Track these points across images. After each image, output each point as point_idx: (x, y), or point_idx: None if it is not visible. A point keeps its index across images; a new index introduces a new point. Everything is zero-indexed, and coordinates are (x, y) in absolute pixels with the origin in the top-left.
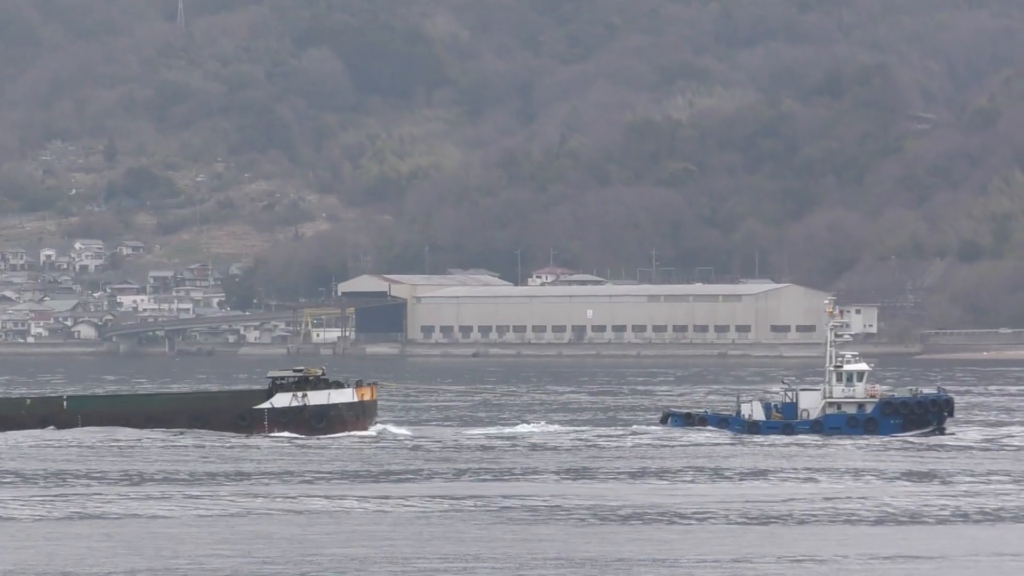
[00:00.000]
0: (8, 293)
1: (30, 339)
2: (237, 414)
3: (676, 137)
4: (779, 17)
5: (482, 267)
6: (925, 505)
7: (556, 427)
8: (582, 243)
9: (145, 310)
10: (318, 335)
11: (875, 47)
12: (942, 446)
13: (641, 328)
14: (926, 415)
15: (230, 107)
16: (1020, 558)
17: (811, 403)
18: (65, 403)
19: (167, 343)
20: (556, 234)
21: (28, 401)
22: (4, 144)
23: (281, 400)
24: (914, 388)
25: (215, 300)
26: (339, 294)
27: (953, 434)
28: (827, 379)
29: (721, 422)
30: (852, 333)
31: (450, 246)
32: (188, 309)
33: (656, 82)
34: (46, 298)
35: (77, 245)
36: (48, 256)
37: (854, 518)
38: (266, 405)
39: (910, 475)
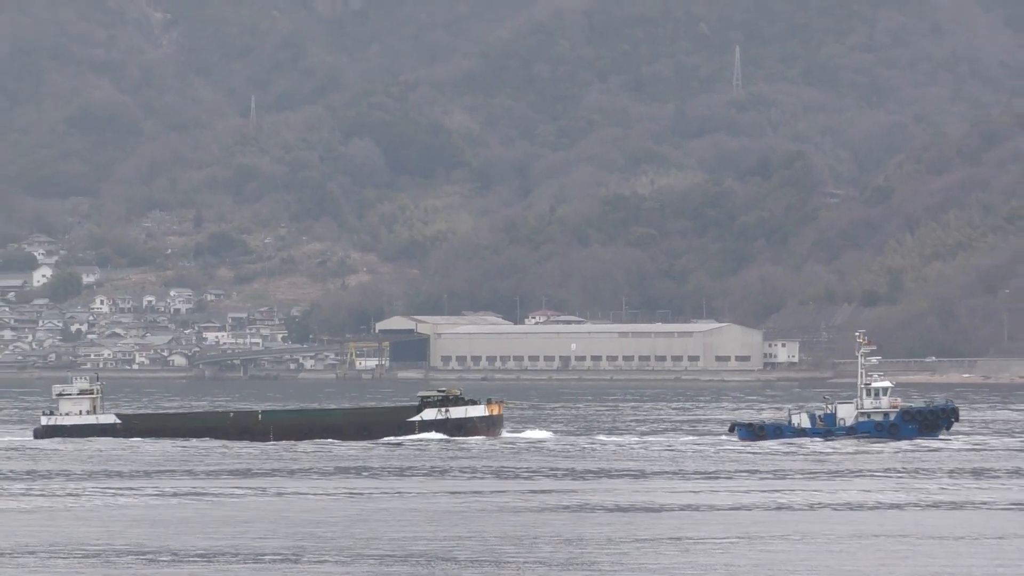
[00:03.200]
0: (118, 330)
1: (135, 366)
2: (395, 425)
3: (641, 208)
4: (722, 115)
5: (489, 310)
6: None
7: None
8: (568, 291)
9: (225, 343)
10: (360, 363)
11: (797, 138)
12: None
13: (614, 358)
14: (937, 421)
15: (291, 184)
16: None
17: (847, 413)
18: (260, 416)
19: (242, 369)
20: (547, 284)
21: (231, 414)
22: (115, 213)
23: (428, 414)
24: (928, 400)
25: (279, 336)
26: (377, 331)
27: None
28: (859, 394)
29: (776, 430)
30: (778, 361)
31: (464, 293)
32: (258, 343)
33: (625, 165)
34: (147, 334)
35: (172, 293)
36: (149, 301)
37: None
38: (417, 418)
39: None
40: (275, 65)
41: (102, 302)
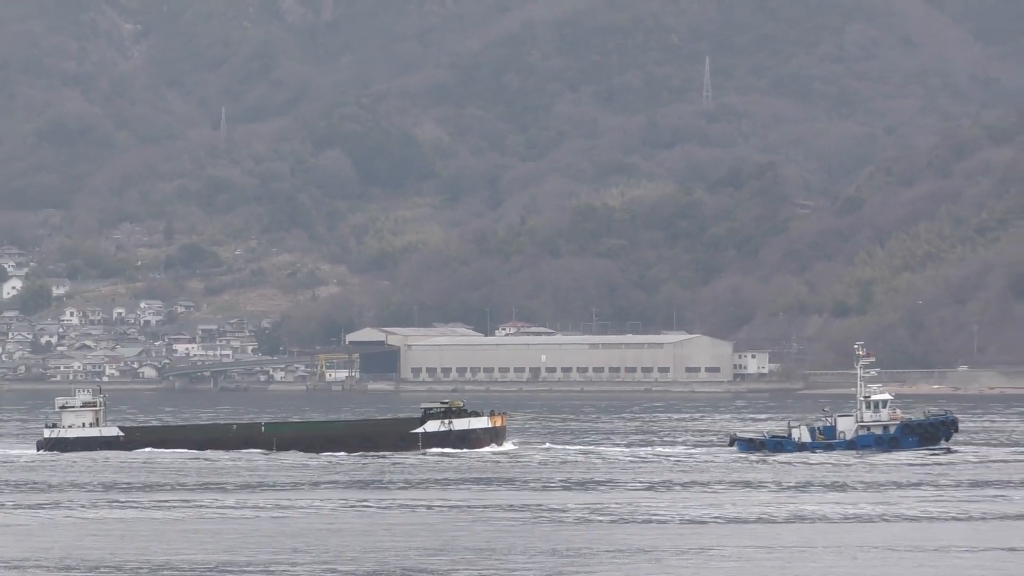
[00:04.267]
0: (88, 342)
1: (105, 378)
2: (398, 436)
3: (611, 219)
4: (692, 126)
5: (459, 321)
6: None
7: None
8: (538, 302)
9: (195, 355)
10: (330, 375)
11: (767, 149)
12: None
13: (584, 369)
14: (936, 433)
15: (262, 196)
16: None
17: (847, 426)
18: (263, 428)
19: (212, 381)
20: (517, 295)
21: (234, 427)
22: (85, 225)
23: (432, 426)
24: (927, 411)
25: (250, 347)
26: (347, 343)
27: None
28: (859, 407)
29: (776, 444)
30: (749, 372)
31: (434, 305)
32: (228, 355)
33: (596, 176)
34: (118, 346)
35: (142, 304)
36: (119, 313)
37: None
38: (420, 430)
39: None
40: (246, 76)
41: (72, 314)
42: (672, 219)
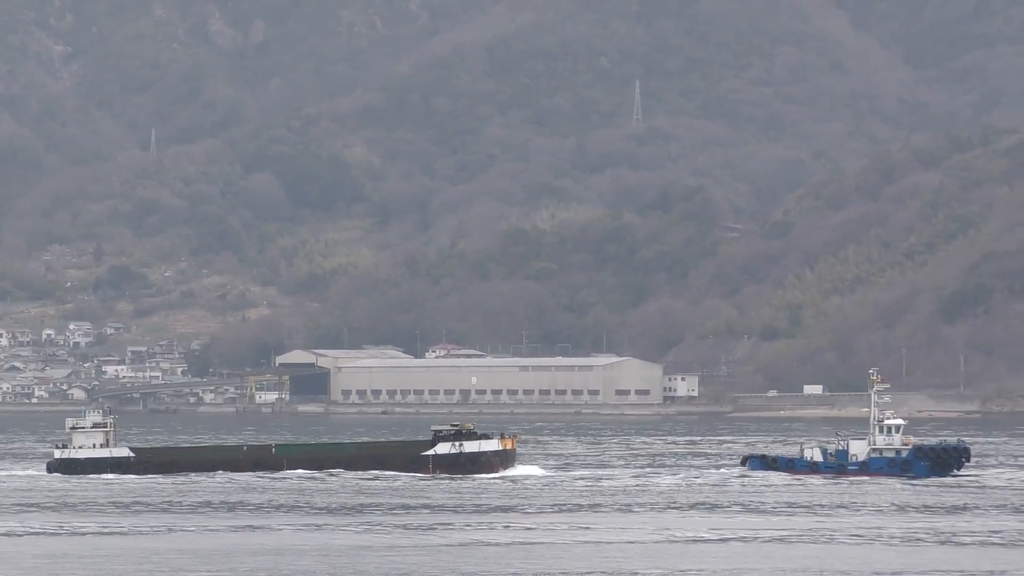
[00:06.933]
0: (17, 364)
1: (34, 400)
2: (408, 459)
3: (541, 242)
4: (622, 149)
5: (389, 344)
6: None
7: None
8: (468, 325)
9: (124, 377)
10: (260, 397)
11: (696, 172)
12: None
13: (514, 392)
14: (949, 459)
15: (192, 218)
16: None
17: (859, 449)
18: (273, 450)
19: (141, 403)
20: (447, 318)
21: (244, 448)
22: (14, 247)
23: (442, 448)
24: (942, 439)
25: (179, 369)
26: (277, 365)
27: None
28: (872, 431)
29: (788, 464)
30: (678, 395)
31: (364, 327)
32: (158, 376)
33: (526, 199)
34: (47, 368)
35: (71, 326)
36: (48, 335)
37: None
38: (431, 452)
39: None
40: (176, 99)
41: (1, 335)
42: (602, 242)
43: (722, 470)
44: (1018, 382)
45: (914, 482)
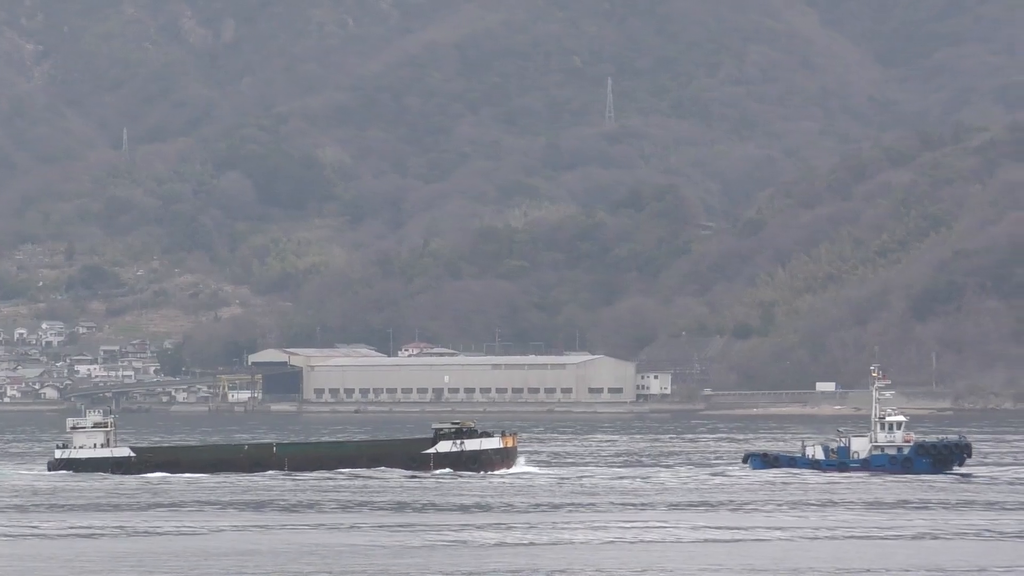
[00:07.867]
0: None
1: (6, 399)
2: (409, 457)
3: (513, 241)
4: (594, 148)
5: (362, 342)
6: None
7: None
8: (440, 323)
9: (97, 376)
10: (233, 396)
11: (668, 171)
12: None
13: (487, 390)
14: (950, 456)
15: (164, 217)
16: None
17: (860, 446)
18: (274, 449)
19: (114, 402)
20: (420, 316)
21: (245, 447)
22: None
23: (443, 446)
24: (941, 436)
25: (152, 368)
26: (249, 364)
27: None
28: (873, 428)
29: (790, 461)
30: (651, 393)
31: (337, 326)
32: (131, 376)
33: (498, 197)
34: (19, 367)
35: (44, 325)
36: (21, 334)
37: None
38: (432, 450)
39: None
40: (147, 97)
41: None
42: (574, 241)
43: (722, 468)
44: (990, 379)
45: (919, 478)
